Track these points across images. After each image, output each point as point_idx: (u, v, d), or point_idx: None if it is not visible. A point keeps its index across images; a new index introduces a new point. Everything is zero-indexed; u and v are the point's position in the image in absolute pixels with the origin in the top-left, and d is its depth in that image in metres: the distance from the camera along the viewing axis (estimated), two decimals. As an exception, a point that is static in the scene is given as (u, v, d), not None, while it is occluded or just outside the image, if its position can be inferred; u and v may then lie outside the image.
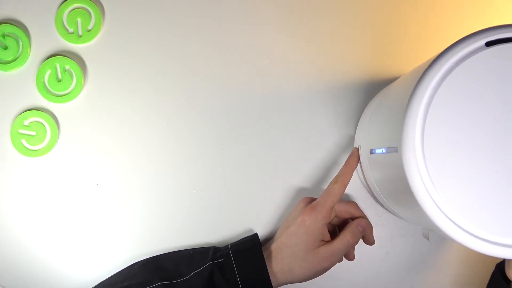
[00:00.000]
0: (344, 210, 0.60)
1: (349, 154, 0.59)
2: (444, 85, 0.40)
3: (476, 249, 0.40)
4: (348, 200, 0.61)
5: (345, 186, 0.56)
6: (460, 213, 0.40)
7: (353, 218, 0.60)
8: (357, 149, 0.57)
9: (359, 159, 0.57)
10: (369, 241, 0.60)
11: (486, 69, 0.40)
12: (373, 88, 0.64)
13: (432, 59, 0.41)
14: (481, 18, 0.65)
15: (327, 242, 0.56)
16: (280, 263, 0.56)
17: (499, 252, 0.40)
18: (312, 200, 0.59)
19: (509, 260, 0.45)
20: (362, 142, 0.58)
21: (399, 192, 0.45)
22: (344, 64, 0.65)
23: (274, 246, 0.58)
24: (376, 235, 0.62)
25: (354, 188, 0.64)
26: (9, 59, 0.65)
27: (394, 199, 0.51)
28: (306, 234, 0.56)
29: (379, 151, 0.48)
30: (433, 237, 0.55)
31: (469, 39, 0.41)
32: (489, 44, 0.40)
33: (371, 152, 0.51)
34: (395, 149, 0.42)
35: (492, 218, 0.39)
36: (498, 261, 0.55)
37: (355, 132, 0.64)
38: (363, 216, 0.60)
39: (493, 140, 0.40)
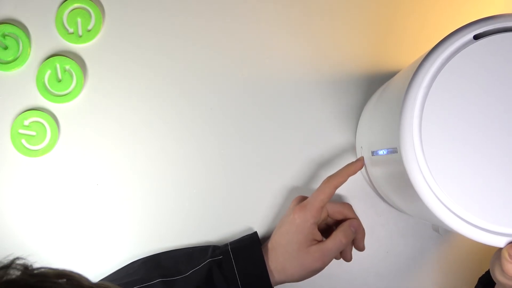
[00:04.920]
0: (337, 211, 0.59)
1: (348, 155, 0.59)
2: (437, 82, 0.40)
3: (480, 240, 0.40)
4: (342, 202, 0.61)
5: (335, 188, 0.56)
6: (466, 208, 0.40)
7: (346, 219, 0.59)
8: (363, 159, 0.57)
9: (360, 168, 0.56)
10: (359, 246, 0.58)
11: (476, 63, 0.40)
12: (372, 87, 0.64)
13: (422, 58, 0.41)
14: (484, 11, 0.64)
15: (319, 242, 0.56)
16: (274, 261, 0.56)
17: (502, 242, 0.41)
18: (304, 198, 0.59)
19: (494, 260, 0.45)
20: (363, 143, 0.58)
21: (404, 191, 0.46)
22: (344, 63, 0.65)
23: (269, 245, 0.58)
24: (376, 235, 0.62)
25: (356, 187, 0.64)
26: (9, 59, 0.65)
27: (400, 198, 0.51)
28: (297, 232, 0.56)
29: (380, 152, 0.48)
30: (442, 232, 0.56)
31: (456, 34, 0.41)
32: (477, 37, 0.41)
33: (373, 153, 0.51)
34: (395, 150, 0.42)
35: (493, 208, 0.40)
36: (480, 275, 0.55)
37: (355, 132, 0.64)
38: (356, 218, 0.59)
39: (487, 133, 0.40)
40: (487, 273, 0.54)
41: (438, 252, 0.64)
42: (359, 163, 0.56)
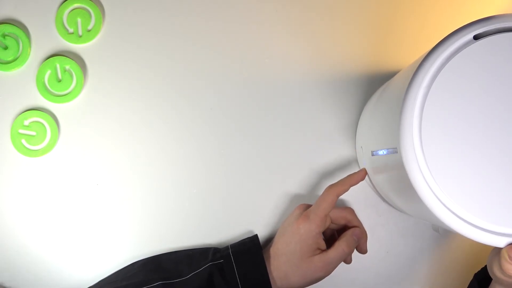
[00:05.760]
0: (340, 216, 0.59)
1: (349, 157, 0.58)
2: (436, 82, 0.40)
3: (480, 240, 0.40)
4: (344, 206, 0.61)
5: (337, 196, 0.56)
6: (466, 208, 0.40)
7: (349, 224, 0.60)
8: (365, 170, 0.57)
9: (362, 179, 0.57)
10: (362, 249, 0.59)
11: (476, 63, 0.40)
12: (372, 87, 0.64)
13: (422, 58, 0.41)
14: (484, 11, 0.65)
15: (323, 251, 0.57)
16: (276, 269, 0.57)
17: (502, 242, 0.41)
18: (308, 207, 0.59)
19: (493, 257, 0.45)
20: (363, 143, 0.58)
21: (404, 191, 0.46)
22: (344, 63, 0.65)
23: (271, 252, 0.58)
24: (376, 235, 0.62)
25: (357, 187, 0.63)
26: (9, 59, 0.65)
27: (400, 198, 0.51)
28: (300, 242, 0.56)
29: (380, 152, 0.48)
30: (442, 232, 0.56)
31: (456, 34, 0.41)
32: (477, 37, 0.41)
33: (373, 153, 0.51)
34: (395, 150, 0.42)
35: (493, 208, 0.40)
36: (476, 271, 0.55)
37: (355, 131, 0.64)
38: (359, 223, 0.60)
39: (487, 133, 0.40)
40: (483, 269, 0.54)
41: (438, 252, 0.64)
42: (361, 174, 0.57)
